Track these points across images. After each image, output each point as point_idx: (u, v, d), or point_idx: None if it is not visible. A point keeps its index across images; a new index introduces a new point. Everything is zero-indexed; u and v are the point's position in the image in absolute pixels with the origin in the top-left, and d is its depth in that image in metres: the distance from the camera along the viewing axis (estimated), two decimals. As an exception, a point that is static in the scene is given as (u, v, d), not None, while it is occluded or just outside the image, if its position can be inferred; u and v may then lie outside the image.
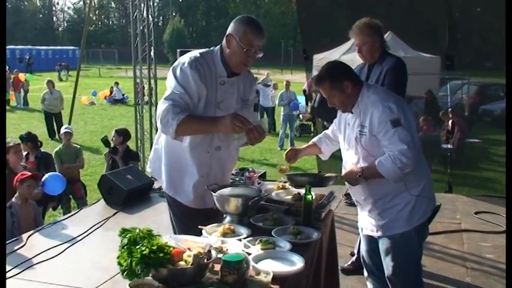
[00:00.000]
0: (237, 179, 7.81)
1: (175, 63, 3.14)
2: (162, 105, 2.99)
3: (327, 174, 3.43)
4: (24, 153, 7.54)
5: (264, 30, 3.07)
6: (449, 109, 12.69)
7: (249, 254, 2.55)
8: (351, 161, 3.35)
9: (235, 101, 3.21)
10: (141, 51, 9.53)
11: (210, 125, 3.00)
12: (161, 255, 2.14)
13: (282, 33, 58.00)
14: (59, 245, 5.05)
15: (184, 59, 3.09)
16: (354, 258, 4.78)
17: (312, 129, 15.22)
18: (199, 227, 2.90)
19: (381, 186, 3.23)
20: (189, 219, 3.20)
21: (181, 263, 2.23)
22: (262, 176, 7.23)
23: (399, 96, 3.36)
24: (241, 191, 3.21)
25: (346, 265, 4.74)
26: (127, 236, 2.24)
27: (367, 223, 3.47)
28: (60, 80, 37.46)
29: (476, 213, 6.36)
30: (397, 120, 3.06)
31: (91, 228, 5.58)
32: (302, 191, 3.22)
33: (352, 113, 3.27)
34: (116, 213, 6.11)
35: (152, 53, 9.62)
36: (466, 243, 5.47)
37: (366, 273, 3.75)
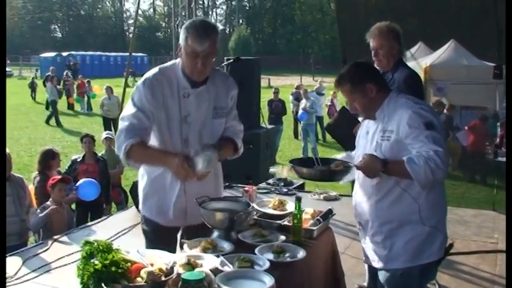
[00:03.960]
0: (272, 189, 7.77)
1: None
2: (119, 126, 2.99)
3: (338, 167, 3.09)
4: (82, 154, 7.72)
5: (209, 32, 2.84)
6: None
7: (222, 272, 2.48)
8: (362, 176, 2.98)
9: (205, 112, 3.05)
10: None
11: (158, 161, 2.95)
12: (113, 269, 2.11)
13: (351, 40, 57.19)
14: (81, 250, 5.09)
15: (144, 76, 3.06)
16: None
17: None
18: (182, 240, 2.84)
19: (391, 208, 2.89)
20: (163, 237, 3.01)
21: (139, 279, 2.19)
22: (300, 187, 7.14)
23: None
24: (229, 205, 3.12)
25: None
26: (86, 248, 2.23)
27: (368, 250, 3.12)
28: (127, 86, 38.58)
29: (517, 232, 5.93)
30: (431, 123, 2.74)
31: (116, 234, 5.62)
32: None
33: (375, 119, 2.96)
34: (143, 220, 6.13)
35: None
36: (499, 265, 5.13)
37: None
